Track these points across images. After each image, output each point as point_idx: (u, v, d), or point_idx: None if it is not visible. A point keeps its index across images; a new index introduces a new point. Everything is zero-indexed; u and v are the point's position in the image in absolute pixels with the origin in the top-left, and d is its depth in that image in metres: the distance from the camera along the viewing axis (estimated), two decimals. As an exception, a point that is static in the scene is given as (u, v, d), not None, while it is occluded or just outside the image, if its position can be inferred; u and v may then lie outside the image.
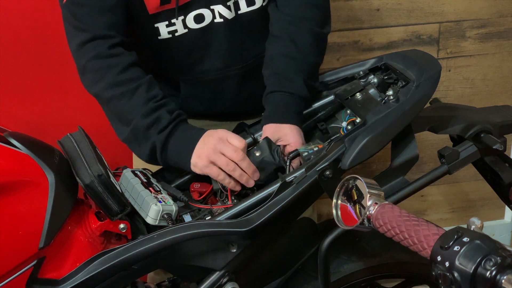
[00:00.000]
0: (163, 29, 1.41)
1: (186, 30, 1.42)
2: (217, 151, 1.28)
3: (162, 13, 1.39)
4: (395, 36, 2.03)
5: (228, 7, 1.41)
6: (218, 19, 1.41)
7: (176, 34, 1.42)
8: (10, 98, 1.83)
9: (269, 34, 1.45)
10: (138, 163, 1.67)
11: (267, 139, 1.33)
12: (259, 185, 1.33)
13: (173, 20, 1.39)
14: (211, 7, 1.40)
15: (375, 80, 1.38)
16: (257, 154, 1.31)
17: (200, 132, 1.32)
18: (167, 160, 1.33)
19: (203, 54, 1.45)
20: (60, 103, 1.89)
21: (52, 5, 1.64)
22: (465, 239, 0.81)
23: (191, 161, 1.30)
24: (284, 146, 1.34)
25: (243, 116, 1.53)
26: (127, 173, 1.30)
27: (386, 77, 1.37)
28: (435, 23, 2.04)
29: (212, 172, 1.29)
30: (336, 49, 2.01)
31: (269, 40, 1.45)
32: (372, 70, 1.41)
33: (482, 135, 1.28)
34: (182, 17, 1.40)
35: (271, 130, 1.36)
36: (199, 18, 1.41)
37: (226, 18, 1.42)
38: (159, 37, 1.42)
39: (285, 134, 1.35)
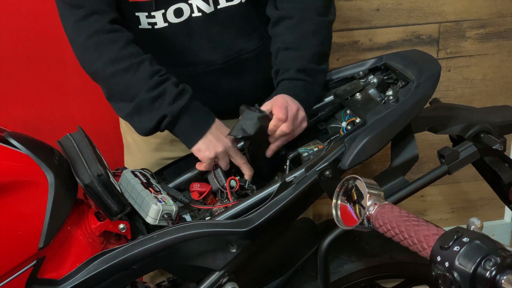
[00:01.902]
0: (143, 19, 1.41)
1: (166, 24, 1.42)
2: (226, 153, 1.33)
3: (142, 4, 1.39)
4: (395, 36, 2.03)
5: (207, 1, 1.41)
6: (196, 13, 1.41)
7: (156, 27, 1.42)
8: (10, 98, 1.83)
9: (272, 37, 1.45)
10: (129, 162, 1.67)
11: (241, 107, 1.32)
12: (260, 185, 1.33)
13: (152, 13, 1.40)
14: (189, 1, 1.40)
15: (375, 80, 1.38)
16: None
17: (211, 118, 1.35)
18: (172, 131, 1.35)
19: (184, 48, 1.45)
20: (60, 103, 1.89)
21: (52, 5, 1.64)
22: (465, 239, 0.81)
23: (196, 145, 1.33)
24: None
25: (225, 116, 1.53)
26: (126, 173, 1.30)
27: (386, 77, 1.38)
28: (435, 23, 2.04)
29: (208, 165, 1.33)
30: (336, 49, 2.00)
31: (272, 40, 1.45)
32: (372, 70, 1.41)
33: (481, 135, 1.29)
34: (163, 10, 1.40)
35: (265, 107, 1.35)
36: (178, 12, 1.41)
37: (205, 12, 1.41)
38: (139, 26, 1.42)
39: (273, 101, 1.33)
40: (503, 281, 0.77)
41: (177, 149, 1.50)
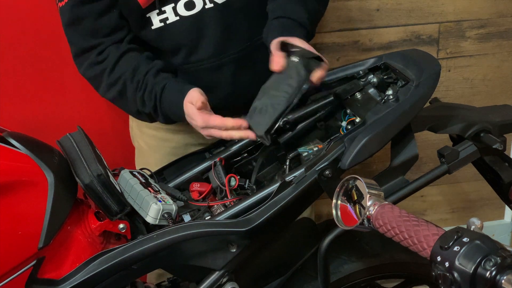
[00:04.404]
0: (155, 19, 1.43)
1: (178, 18, 1.43)
2: (204, 130, 1.31)
3: (153, 3, 1.41)
4: (395, 36, 2.03)
5: None
6: (208, 5, 1.42)
7: (168, 22, 1.43)
8: (10, 98, 1.83)
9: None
10: (141, 165, 1.67)
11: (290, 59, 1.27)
12: (259, 183, 1.33)
13: (163, 8, 1.41)
14: None
15: (375, 79, 1.38)
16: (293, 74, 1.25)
17: (182, 95, 1.34)
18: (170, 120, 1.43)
19: (197, 41, 1.45)
20: (60, 103, 1.89)
21: (52, 5, 1.64)
22: (465, 239, 0.81)
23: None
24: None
25: (240, 113, 1.53)
26: (125, 173, 1.30)
27: (386, 77, 1.37)
28: (435, 23, 2.04)
29: (211, 134, 1.31)
30: (336, 49, 2.00)
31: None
32: (372, 70, 1.41)
33: (481, 134, 1.29)
34: (173, 4, 1.41)
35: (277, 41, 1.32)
36: (189, 5, 1.42)
37: (217, 3, 1.42)
38: (152, 27, 1.44)
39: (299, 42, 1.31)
40: (503, 281, 0.77)
41: None
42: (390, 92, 1.31)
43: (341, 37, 1.99)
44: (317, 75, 1.25)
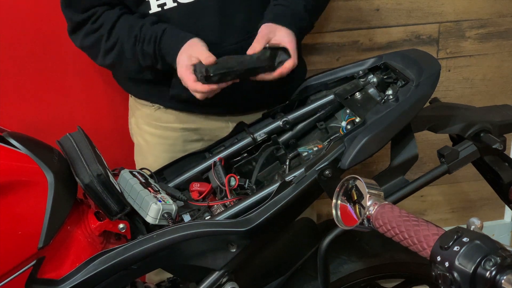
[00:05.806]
0: (153, 3, 1.44)
1: (175, 4, 1.43)
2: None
3: None
4: (394, 36, 2.03)
5: None
6: None
7: (165, 7, 1.44)
8: (10, 98, 1.83)
9: None
10: (140, 162, 1.68)
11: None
12: (259, 183, 1.33)
13: None
14: None
15: (375, 79, 1.38)
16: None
17: (181, 43, 1.39)
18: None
19: (194, 30, 1.44)
20: (60, 103, 1.89)
21: (52, 5, 1.64)
22: (464, 239, 0.81)
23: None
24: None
25: (237, 110, 1.53)
26: (125, 173, 1.30)
27: (386, 77, 1.37)
28: (434, 23, 2.04)
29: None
30: (335, 49, 2.00)
31: None
32: (372, 70, 1.41)
33: (481, 134, 1.29)
34: None
35: (266, 29, 1.38)
36: None
37: None
38: (149, 11, 1.45)
39: (280, 35, 1.38)
40: (503, 281, 0.77)
41: (190, 149, 1.50)
42: (390, 92, 1.32)
43: (341, 37, 1.99)
44: (285, 65, 1.35)
